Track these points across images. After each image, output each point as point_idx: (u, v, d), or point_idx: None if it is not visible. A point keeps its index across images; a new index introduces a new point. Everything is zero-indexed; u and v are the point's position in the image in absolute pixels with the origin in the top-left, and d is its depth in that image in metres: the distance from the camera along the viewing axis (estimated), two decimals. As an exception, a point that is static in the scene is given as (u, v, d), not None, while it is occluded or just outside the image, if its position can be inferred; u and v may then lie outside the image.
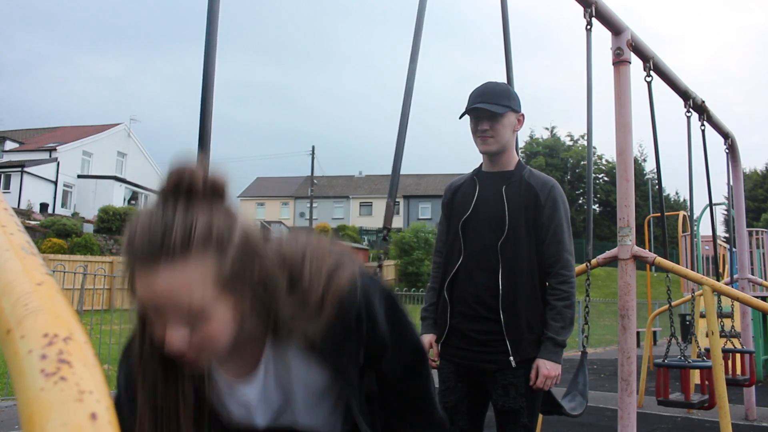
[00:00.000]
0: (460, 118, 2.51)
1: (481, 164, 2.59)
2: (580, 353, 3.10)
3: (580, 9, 3.52)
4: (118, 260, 12.58)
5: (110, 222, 25.15)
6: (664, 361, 4.28)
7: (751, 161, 68.23)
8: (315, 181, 48.24)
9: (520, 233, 2.38)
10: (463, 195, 2.52)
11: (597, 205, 48.87)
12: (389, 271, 29.01)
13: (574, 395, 2.83)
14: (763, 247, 11.29)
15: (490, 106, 2.41)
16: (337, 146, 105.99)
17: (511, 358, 2.35)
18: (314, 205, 49.29)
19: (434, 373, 2.41)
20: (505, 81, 2.96)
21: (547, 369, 2.32)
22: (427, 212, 52.55)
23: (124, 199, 35.32)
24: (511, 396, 2.35)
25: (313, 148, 47.23)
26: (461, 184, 2.60)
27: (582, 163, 47.59)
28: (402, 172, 2.56)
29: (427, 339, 2.47)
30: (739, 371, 5.73)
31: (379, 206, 56.59)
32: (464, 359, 2.43)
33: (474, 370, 2.43)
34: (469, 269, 2.42)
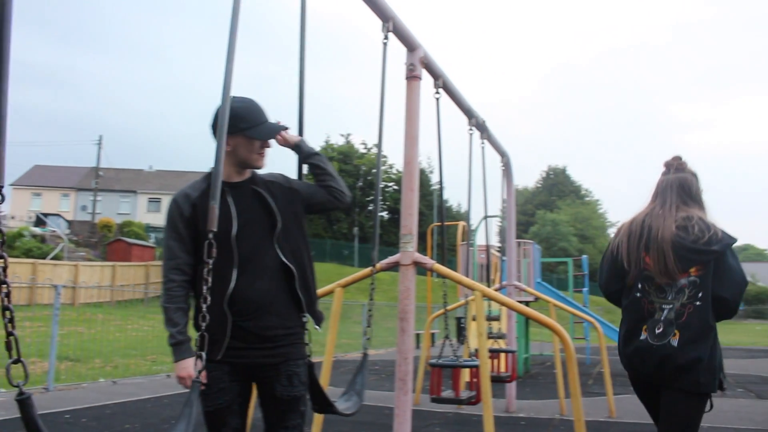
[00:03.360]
0: (262, 138, 2.54)
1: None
2: (362, 355, 3.21)
3: (380, 23, 3.67)
4: None
5: None
6: (437, 361, 4.56)
7: (524, 179, 74.94)
8: (100, 173, 45.21)
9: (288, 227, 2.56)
10: (223, 206, 2.47)
11: (386, 212, 50.84)
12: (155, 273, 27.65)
13: (351, 395, 2.94)
14: (528, 257, 12.45)
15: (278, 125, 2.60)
16: (127, 138, 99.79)
17: (301, 347, 2.52)
18: (98, 198, 46.18)
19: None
20: (298, 85, 2.98)
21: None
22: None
23: None
24: (295, 384, 2.48)
25: (101, 137, 44.32)
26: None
27: (374, 170, 49.21)
28: (194, 169, 2.50)
29: (190, 363, 2.33)
30: (503, 369, 6.25)
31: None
32: (245, 358, 2.43)
33: (255, 366, 2.45)
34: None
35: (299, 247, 2.57)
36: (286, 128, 2.70)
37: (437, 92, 4.47)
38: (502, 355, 6.27)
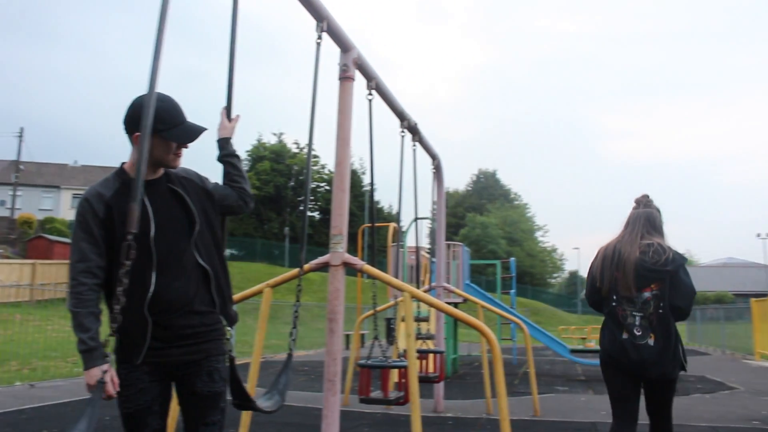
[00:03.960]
0: (180, 141, 2.48)
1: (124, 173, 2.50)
2: (287, 355, 3.20)
3: (314, 22, 3.66)
4: None
5: None
6: (366, 361, 4.57)
7: (455, 182, 75.93)
8: (21, 166, 43.45)
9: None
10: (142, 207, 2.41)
11: (317, 213, 50.65)
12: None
13: (273, 394, 2.94)
14: (458, 259, 12.62)
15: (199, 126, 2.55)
16: (50, 131, 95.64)
17: (221, 343, 2.51)
18: (18, 193, 44.35)
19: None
20: (227, 82, 2.92)
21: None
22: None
23: None
24: (216, 380, 2.46)
25: (22, 130, 42.64)
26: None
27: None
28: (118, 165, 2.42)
29: (100, 372, 2.21)
30: (431, 369, 6.32)
31: (94, 199, 52.57)
32: (167, 356, 2.38)
33: (176, 364, 2.41)
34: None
35: (212, 248, 2.54)
36: (206, 129, 2.65)
37: (370, 94, 4.49)
38: (431, 355, 6.33)
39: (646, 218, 3.74)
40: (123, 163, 2.50)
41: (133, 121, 2.39)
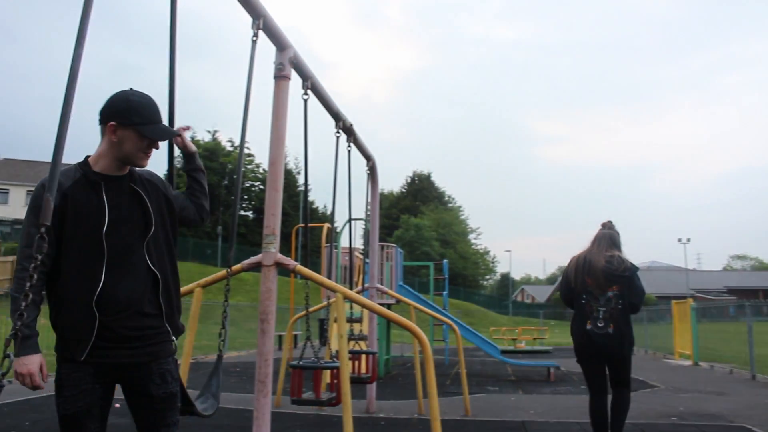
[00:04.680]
0: (154, 137, 2.43)
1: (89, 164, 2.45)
2: (216, 357, 3.15)
3: (251, 20, 3.61)
4: None
5: None
6: (298, 362, 4.54)
7: (389, 183, 76.23)
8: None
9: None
10: (96, 200, 2.39)
11: (251, 212, 50.05)
12: (5, 269, 25.49)
13: (207, 397, 2.90)
14: (391, 260, 12.68)
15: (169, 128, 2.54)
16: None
17: (169, 345, 2.47)
18: (-68, 186, 42.26)
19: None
20: (168, 79, 2.87)
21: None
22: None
23: None
24: (169, 381, 2.44)
25: (-64, 119, 40.57)
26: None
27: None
28: (47, 159, 2.34)
29: (39, 359, 2.19)
30: (364, 370, 6.32)
31: (17, 195, 50.82)
32: (113, 358, 2.32)
33: (123, 366, 2.35)
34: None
35: (165, 255, 2.50)
36: (180, 133, 2.66)
37: (306, 93, 4.46)
38: (363, 356, 6.34)
39: (609, 237, 5.03)
40: (87, 156, 2.45)
41: (111, 111, 2.36)
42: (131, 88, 2.45)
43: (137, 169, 2.51)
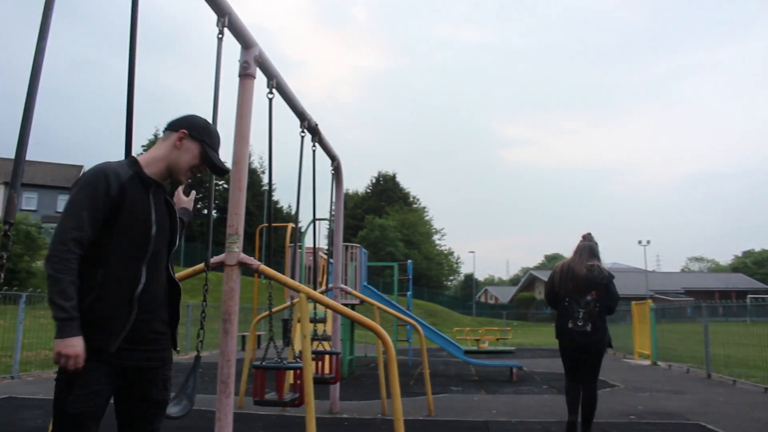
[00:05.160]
0: (214, 161, 2.60)
1: (139, 165, 2.49)
2: (194, 357, 3.14)
3: (215, 17, 3.57)
4: None
5: None
6: (261, 363, 4.51)
7: (354, 184, 76.20)
8: None
9: None
10: (146, 202, 2.46)
11: (215, 211, 49.51)
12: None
13: (181, 398, 2.91)
14: (355, 260, 12.68)
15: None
16: None
17: (171, 352, 2.56)
18: None
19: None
20: (127, 75, 2.82)
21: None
22: (33, 203, 47.82)
23: None
24: (168, 388, 2.53)
25: None
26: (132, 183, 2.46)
27: (205, 168, 47.67)
28: (7, 156, 2.30)
29: (83, 342, 2.18)
30: (327, 370, 6.31)
31: (-25, 192, 49.53)
32: (131, 360, 2.34)
33: (136, 369, 2.38)
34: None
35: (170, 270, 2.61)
36: (229, 170, 2.89)
37: (271, 92, 4.44)
38: (327, 356, 6.32)
39: (589, 248, 5.87)
40: (138, 155, 2.53)
41: (189, 122, 2.57)
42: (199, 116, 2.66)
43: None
